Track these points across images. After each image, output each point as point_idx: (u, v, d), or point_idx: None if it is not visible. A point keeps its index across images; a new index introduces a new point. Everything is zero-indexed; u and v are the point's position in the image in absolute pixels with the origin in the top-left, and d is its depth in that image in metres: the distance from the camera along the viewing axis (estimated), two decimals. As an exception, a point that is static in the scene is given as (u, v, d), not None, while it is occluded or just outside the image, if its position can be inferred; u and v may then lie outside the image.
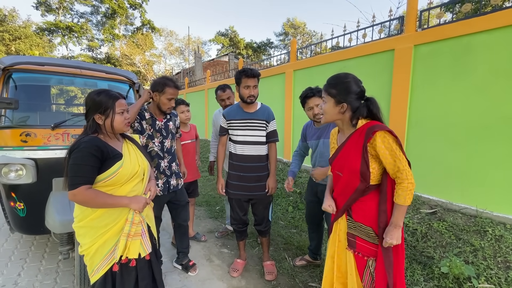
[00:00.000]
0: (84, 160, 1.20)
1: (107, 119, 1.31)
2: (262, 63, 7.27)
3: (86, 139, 1.24)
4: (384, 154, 1.18)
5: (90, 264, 1.32)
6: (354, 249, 1.32)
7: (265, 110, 2.15)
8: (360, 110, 1.26)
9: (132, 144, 1.46)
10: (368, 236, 1.28)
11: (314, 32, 28.91)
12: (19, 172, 2.02)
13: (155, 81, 1.98)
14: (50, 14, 26.92)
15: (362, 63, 3.74)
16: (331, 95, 1.30)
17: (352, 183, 1.30)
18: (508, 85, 2.44)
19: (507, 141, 2.44)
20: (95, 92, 1.32)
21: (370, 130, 1.21)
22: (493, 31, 2.52)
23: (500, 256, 2.07)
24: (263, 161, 2.15)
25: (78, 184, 1.18)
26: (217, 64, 15.30)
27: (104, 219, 1.29)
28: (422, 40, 3.03)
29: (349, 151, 1.29)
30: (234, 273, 2.30)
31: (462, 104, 2.71)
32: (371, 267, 1.27)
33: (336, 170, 1.39)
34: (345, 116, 1.30)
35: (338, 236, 1.39)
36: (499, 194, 2.49)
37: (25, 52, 21.76)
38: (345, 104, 1.27)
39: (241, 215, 2.23)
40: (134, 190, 1.38)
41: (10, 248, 2.70)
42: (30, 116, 2.35)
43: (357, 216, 1.31)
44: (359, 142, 1.24)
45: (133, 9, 29.66)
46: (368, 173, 1.23)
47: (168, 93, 1.93)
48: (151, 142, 1.99)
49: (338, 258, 1.38)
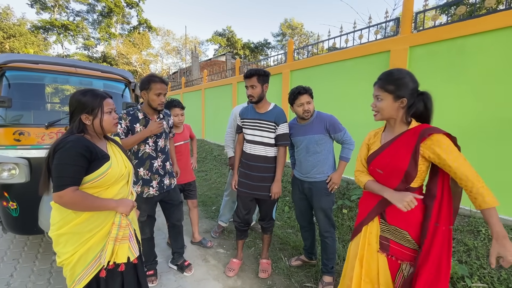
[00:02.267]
0: (72, 160, 1.13)
1: (96, 119, 1.26)
2: (259, 64, 7.27)
3: (73, 138, 1.17)
4: (449, 157, 1.10)
5: (71, 275, 1.22)
6: (388, 252, 1.26)
7: (275, 112, 2.11)
8: (415, 104, 1.21)
9: (115, 146, 1.41)
10: (403, 239, 1.24)
11: (311, 33, 29.02)
12: (12, 172, 1.99)
13: (141, 81, 1.96)
14: (46, 12, 26.66)
15: (358, 64, 3.76)
16: (388, 91, 1.23)
17: (390, 183, 1.25)
18: (502, 87, 2.47)
19: (500, 142, 2.47)
20: (80, 92, 1.26)
21: (425, 131, 1.15)
22: (487, 33, 2.56)
23: (493, 255, 2.10)
24: (269, 162, 2.13)
25: (65, 185, 1.11)
26: (214, 64, 15.28)
27: (90, 224, 1.22)
28: (417, 42, 3.06)
29: (398, 149, 1.23)
30: (230, 273, 2.30)
31: (457, 105, 2.74)
32: (404, 270, 1.22)
33: (376, 167, 1.32)
34: (400, 112, 1.25)
35: (367, 240, 1.33)
36: (495, 194, 2.51)
37: (19, 50, 21.50)
38: (404, 99, 1.21)
39: (244, 213, 2.23)
40: (120, 193, 1.33)
41: (2, 248, 2.66)
42: (23, 114, 2.32)
43: (392, 218, 1.26)
44: (411, 141, 1.18)
45: (130, 8, 29.49)
46: (414, 175, 1.18)
47: (155, 89, 1.89)
48: (144, 144, 1.96)
49: (366, 262, 1.32)
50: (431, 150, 1.14)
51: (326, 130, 2.03)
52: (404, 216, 1.22)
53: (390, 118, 1.28)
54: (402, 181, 1.20)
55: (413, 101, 1.21)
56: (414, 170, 1.17)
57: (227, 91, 7.38)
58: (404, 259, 1.23)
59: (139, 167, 1.96)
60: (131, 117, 1.93)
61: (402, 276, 1.22)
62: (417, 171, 1.17)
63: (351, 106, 3.84)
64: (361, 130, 3.73)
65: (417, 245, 1.20)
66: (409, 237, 1.22)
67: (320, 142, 2.04)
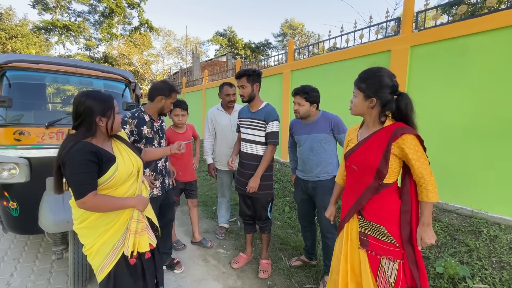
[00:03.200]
0: (84, 168, 1.18)
1: (109, 121, 1.28)
2: (260, 64, 7.27)
3: (79, 147, 1.19)
4: (413, 157, 1.20)
5: (94, 264, 1.33)
6: (367, 248, 1.32)
7: (266, 110, 2.16)
8: (388, 105, 1.24)
9: (120, 143, 1.43)
10: (380, 234, 1.28)
11: (312, 33, 29.00)
12: (12, 171, 1.99)
13: (160, 86, 1.96)
14: (47, 13, 26.76)
15: (359, 64, 3.75)
16: (360, 89, 1.29)
17: (365, 179, 1.30)
18: (503, 86, 2.46)
19: (502, 142, 2.46)
20: (88, 95, 1.26)
21: (398, 130, 1.21)
22: (488, 32, 2.54)
23: (494, 256, 2.08)
24: (259, 161, 2.16)
25: (85, 192, 1.18)
26: (215, 64, 15.29)
27: (105, 219, 1.29)
28: (418, 41, 3.04)
29: (371, 147, 1.29)
30: (235, 265, 2.39)
31: (458, 105, 2.73)
32: (384, 266, 1.27)
33: (352, 163, 1.38)
34: (373, 111, 1.29)
35: (349, 236, 1.40)
36: (494, 195, 2.50)
37: (21, 51, 21.58)
38: (374, 99, 1.25)
39: (244, 208, 2.33)
40: (130, 190, 1.37)
41: (3, 248, 2.67)
42: (24, 114, 2.33)
43: (368, 215, 1.32)
44: (384, 140, 1.24)
45: (131, 9, 29.57)
46: (385, 172, 1.24)
47: (173, 98, 2.01)
48: (151, 145, 1.97)
49: (350, 257, 1.39)
50: (400, 148, 1.22)
51: (331, 130, 2.04)
52: (379, 211, 1.29)
53: (363, 115, 1.35)
54: (375, 178, 1.27)
55: (386, 102, 1.24)
56: (385, 167, 1.23)
57: (228, 91, 7.37)
58: (382, 253, 1.27)
59: (145, 167, 1.96)
60: (137, 119, 1.92)
61: (383, 272, 1.27)
62: (387, 168, 1.24)
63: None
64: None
65: (393, 239, 1.26)
66: (385, 231, 1.27)
67: (324, 141, 2.04)
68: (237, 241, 2.92)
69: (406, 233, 1.25)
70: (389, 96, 1.24)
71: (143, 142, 1.94)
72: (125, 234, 1.33)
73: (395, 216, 1.27)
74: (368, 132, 1.34)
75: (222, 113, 2.84)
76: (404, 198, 1.27)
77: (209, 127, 2.87)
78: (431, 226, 1.23)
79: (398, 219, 1.27)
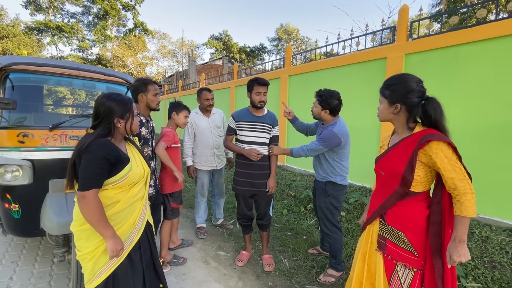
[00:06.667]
0: (98, 163, 1.20)
1: (127, 123, 1.34)
2: (257, 68, 7.35)
3: (100, 142, 1.23)
4: (443, 166, 1.13)
5: (92, 269, 1.26)
6: (384, 251, 1.31)
7: (271, 115, 2.41)
8: (415, 110, 1.21)
9: (133, 147, 1.48)
10: (399, 240, 1.27)
11: (307, 38, 29.40)
12: (16, 173, 1.99)
13: (135, 86, 2.05)
14: (40, 14, 26.41)
15: (356, 70, 3.86)
16: (384, 96, 1.29)
17: (391, 185, 1.29)
18: (493, 94, 2.58)
19: (492, 147, 2.57)
20: (109, 97, 1.31)
21: (425, 137, 1.16)
22: (478, 42, 2.67)
23: (486, 256, 2.17)
24: (266, 160, 2.36)
25: (90, 186, 1.18)
26: (211, 68, 15.34)
27: (115, 219, 1.29)
28: (412, 50, 3.17)
29: (398, 153, 1.27)
30: (239, 263, 2.51)
31: (450, 111, 2.83)
32: (399, 271, 1.26)
33: (380, 168, 1.39)
34: (400, 117, 1.27)
35: (371, 237, 1.40)
36: (485, 198, 2.61)
37: (12, 52, 21.22)
38: (398, 105, 1.24)
39: (246, 210, 2.42)
40: (139, 193, 1.40)
41: (0, 251, 2.63)
42: (27, 116, 2.32)
43: (390, 219, 1.30)
44: (411, 147, 1.21)
45: (126, 11, 29.44)
46: (410, 179, 1.20)
47: (152, 90, 2.04)
48: (147, 146, 2.04)
49: (369, 258, 1.40)
50: (428, 156, 1.17)
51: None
52: (402, 218, 1.26)
53: (391, 121, 1.34)
54: (401, 184, 1.24)
55: (412, 107, 1.22)
56: (410, 174, 1.20)
57: (225, 94, 7.43)
58: (398, 259, 1.26)
59: None
60: (139, 122, 1.98)
61: (397, 278, 1.25)
62: (413, 175, 1.19)
63: (348, 111, 3.91)
64: (358, 135, 3.82)
65: (413, 247, 1.23)
66: (405, 239, 1.25)
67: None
68: (236, 243, 2.94)
69: (435, 245, 1.19)
70: (416, 102, 1.21)
71: (141, 143, 2.01)
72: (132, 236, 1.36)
73: (419, 226, 1.23)
74: (398, 138, 1.32)
75: (201, 116, 3.04)
76: (433, 209, 1.22)
77: (189, 130, 2.99)
78: (465, 243, 1.13)
79: (422, 229, 1.23)
